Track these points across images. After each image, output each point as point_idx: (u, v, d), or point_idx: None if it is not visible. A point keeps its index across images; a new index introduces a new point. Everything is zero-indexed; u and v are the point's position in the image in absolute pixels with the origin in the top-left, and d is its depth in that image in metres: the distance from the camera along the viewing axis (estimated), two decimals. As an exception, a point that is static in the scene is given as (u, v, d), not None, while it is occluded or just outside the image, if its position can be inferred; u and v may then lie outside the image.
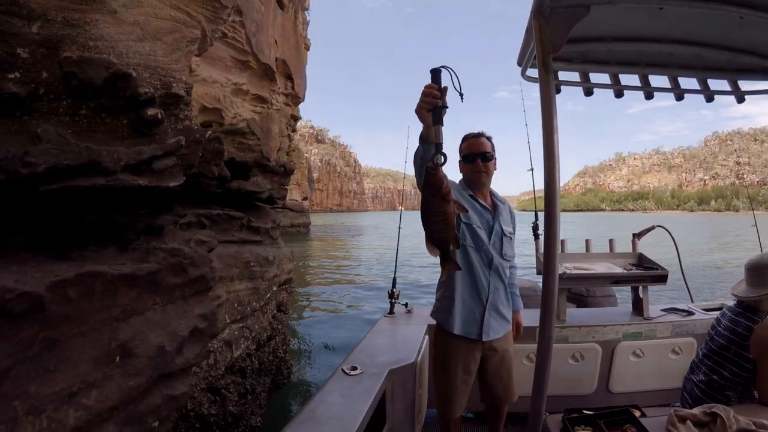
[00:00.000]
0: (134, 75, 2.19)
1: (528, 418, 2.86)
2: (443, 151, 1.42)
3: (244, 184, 4.92)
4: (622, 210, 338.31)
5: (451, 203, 1.43)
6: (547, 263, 1.38)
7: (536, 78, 1.84)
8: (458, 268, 2.03)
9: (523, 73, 1.97)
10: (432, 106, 1.38)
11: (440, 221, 1.43)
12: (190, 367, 2.32)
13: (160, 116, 2.27)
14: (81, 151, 1.94)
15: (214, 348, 3.69)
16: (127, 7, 2.34)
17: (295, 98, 7.23)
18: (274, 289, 5.08)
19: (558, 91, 2.04)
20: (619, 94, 2.07)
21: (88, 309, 1.83)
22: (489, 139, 2.25)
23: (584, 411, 2.82)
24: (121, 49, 2.26)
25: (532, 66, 2.01)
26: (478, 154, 2.19)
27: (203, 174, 2.78)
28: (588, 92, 2.06)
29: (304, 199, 44.47)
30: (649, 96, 2.08)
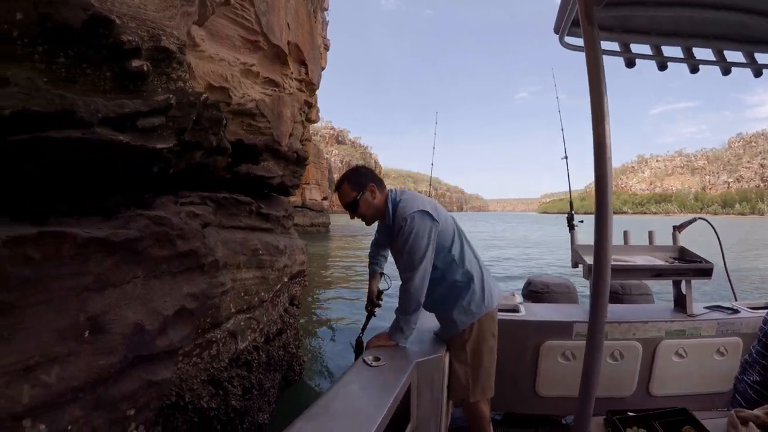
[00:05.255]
0: (117, 22, 1.96)
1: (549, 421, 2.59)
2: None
3: (254, 168, 4.69)
4: (645, 213, 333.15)
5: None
6: (598, 251, 1.30)
7: (575, 46, 1.73)
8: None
9: (561, 40, 1.76)
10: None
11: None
12: (175, 351, 2.07)
13: (146, 68, 2.04)
14: (53, 98, 1.70)
15: (216, 338, 3.45)
16: (118, -44, 2.13)
17: (309, 84, 7.00)
18: (285, 280, 4.83)
19: None
20: (662, 67, 1.88)
21: (53, 274, 1.59)
22: (350, 178, 2.29)
23: (629, 413, 2.58)
24: (106, -4, 2.04)
25: (570, 34, 1.78)
26: (346, 207, 2.31)
27: (200, 144, 2.53)
28: (629, 63, 1.87)
29: (324, 198, 44.57)
30: (694, 69, 1.89)
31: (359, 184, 2.25)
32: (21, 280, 1.49)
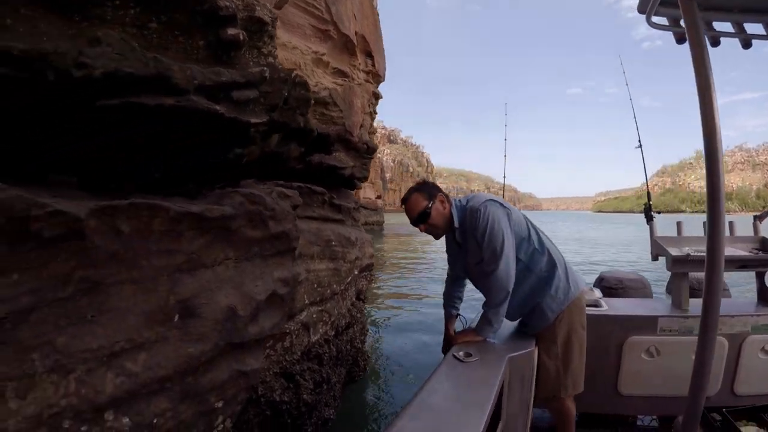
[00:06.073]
0: (213, -13, 1.83)
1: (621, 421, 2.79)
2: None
3: (326, 158, 4.57)
4: (704, 212, 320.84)
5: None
6: (711, 242, 1.28)
7: (662, 25, 1.66)
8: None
9: (648, 20, 1.70)
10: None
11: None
12: (264, 339, 1.92)
13: (242, 38, 1.90)
14: (147, 61, 1.58)
15: (290, 330, 3.32)
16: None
17: (376, 76, 6.85)
18: (355, 272, 4.68)
19: (682, 40, 1.75)
20: (746, 45, 1.77)
21: (143, 250, 1.45)
22: (419, 188, 2.21)
23: (723, 409, 2.55)
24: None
25: (657, 14, 1.67)
26: (415, 221, 2.20)
27: (287, 124, 2.39)
28: (714, 42, 1.75)
29: (378, 197, 44.74)
30: None
31: (429, 194, 2.20)
32: (109, 256, 1.36)
